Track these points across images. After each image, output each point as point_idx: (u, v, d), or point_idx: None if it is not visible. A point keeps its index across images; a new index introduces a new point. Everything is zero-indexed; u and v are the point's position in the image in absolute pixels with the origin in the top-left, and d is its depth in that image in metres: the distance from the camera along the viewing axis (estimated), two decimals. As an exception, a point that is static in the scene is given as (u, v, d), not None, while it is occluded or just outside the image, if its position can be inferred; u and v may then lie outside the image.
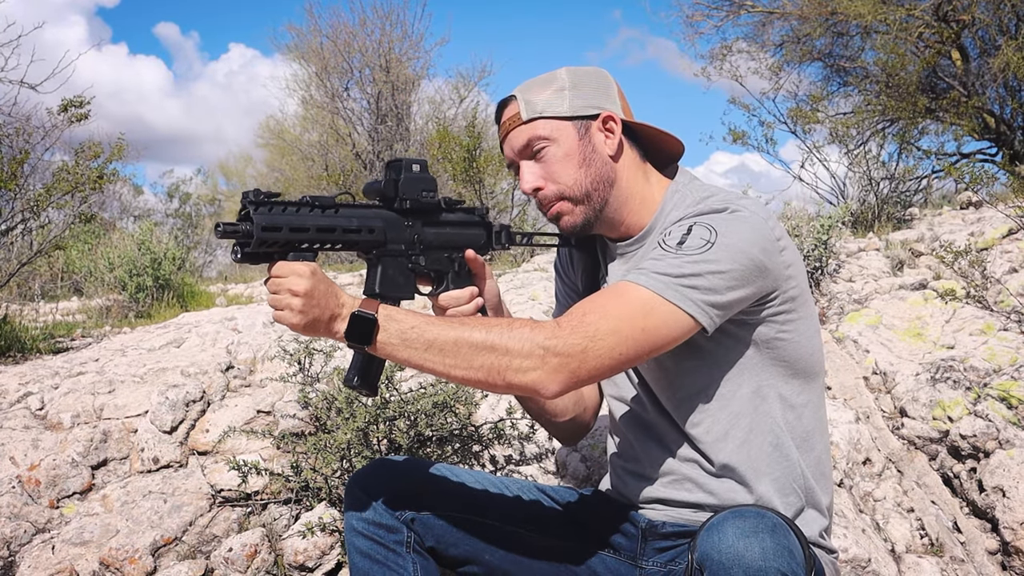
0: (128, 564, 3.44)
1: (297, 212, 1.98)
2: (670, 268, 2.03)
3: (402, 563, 2.27)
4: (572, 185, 2.27)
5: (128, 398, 4.33)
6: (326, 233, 2.00)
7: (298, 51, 19.65)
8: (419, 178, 2.19)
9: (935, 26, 12.46)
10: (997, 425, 3.80)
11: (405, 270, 2.17)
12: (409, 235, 2.18)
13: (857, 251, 6.60)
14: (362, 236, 2.07)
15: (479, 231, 2.34)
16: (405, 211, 2.17)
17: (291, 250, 1.97)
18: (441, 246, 2.24)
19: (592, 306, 2.02)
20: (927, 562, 3.45)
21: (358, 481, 2.35)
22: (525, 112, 2.27)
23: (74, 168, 6.19)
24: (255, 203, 1.93)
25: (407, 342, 1.97)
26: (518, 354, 1.94)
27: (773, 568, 1.72)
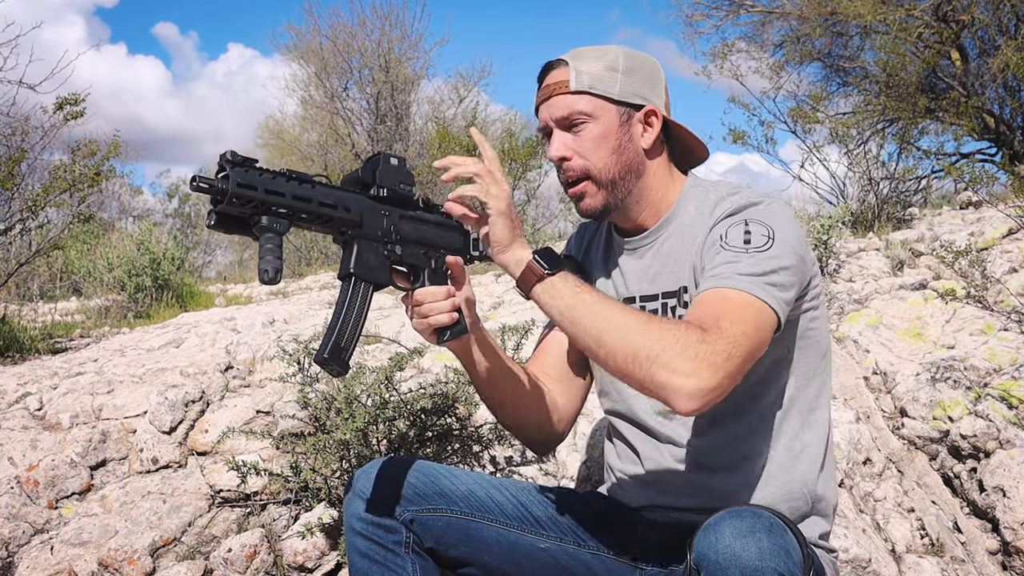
0: (127, 565, 3.44)
1: (274, 179, 1.96)
2: (751, 268, 2.02)
3: (401, 563, 2.25)
4: (601, 168, 2.26)
5: (127, 398, 4.32)
6: (302, 202, 1.98)
7: (297, 51, 19.66)
8: (397, 170, 2.17)
9: (935, 26, 12.46)
10: (997, 425, 3.79)
11: (381, 255, 2.15)
12: (386, 224, 2.15)
13: (857, 251, 6.59)
14: (338, 212, 2.05)
15: (456, 236, 2.30)
16: (382, 199, 2.15)
17: (264, 213, 1.93)
18: (418, 241, 2.21)
19: (718, 310, 1.96)
20: (927, 562, 3.45)
21: (358, 480, 2.32)
22: (574, 82, 2.25)
23: (71, 166, 6.17)
24: (232, 162, 1.90)
25: (577, 293, 2.03)
26: (671, 349, 1.86)
27: (770, 568, 1.71)
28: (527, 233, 9.66)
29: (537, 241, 9.36)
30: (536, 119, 2.38)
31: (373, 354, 4.75)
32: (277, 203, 1.94)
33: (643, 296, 2.35)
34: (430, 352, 4.45)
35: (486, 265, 9.54)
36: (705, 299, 2.02)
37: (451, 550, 2.33)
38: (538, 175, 11.27)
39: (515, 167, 10.14)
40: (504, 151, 10.31)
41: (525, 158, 10.29)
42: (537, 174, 11.21)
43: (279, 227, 1.95)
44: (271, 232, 1.94)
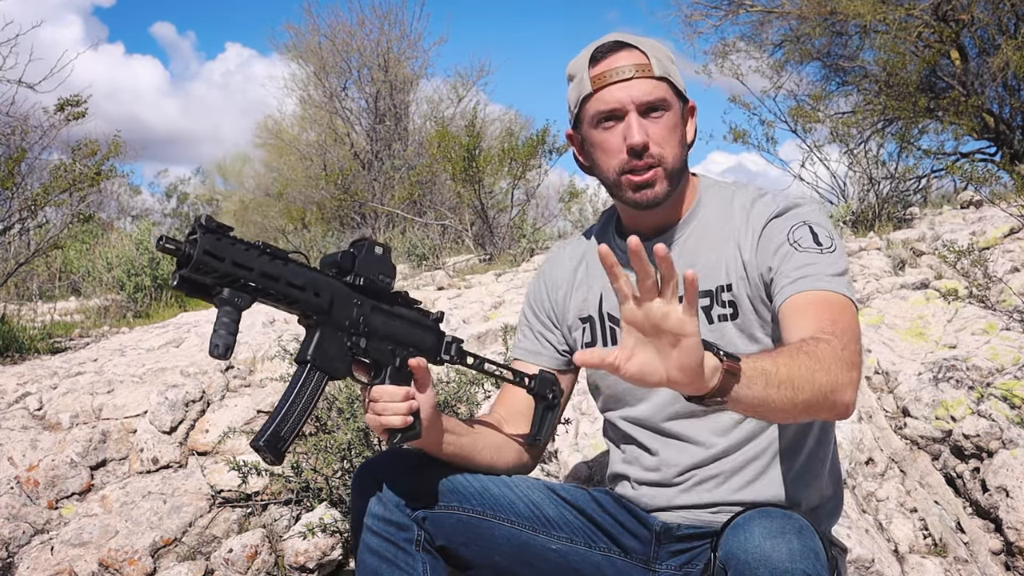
0: (127, 565, 3.43)
1: (246, 251, 1.87)
2: (833, 268, 2.06)
3: (412, 563, 2.20)
4: (673, 157, 2.24)
5: (127, 398, 4.31)
6: (269, 280, 1.90)
7: (296, 51, 19.66)
8: (379, 260, 2.09)
9: (934, 25, 12.45)
10: (1000, 425, 3.78)
11: (343, 346, 2.05)
12: (356, 314, 2.06)
13: (858, 250, 6.59)
14: (305, 295, 1.96)
15: (429, 336, 2.21)
16: (357, 288, 2.06)
17: (228, 285, 1.85)
18: (387, 336, 2.11)
19: (828, 313, 1.98)
20: (930, 562, 3.44)
21: (368, 473, 2.27)
22: (657, 67, 2.22)
23: (71, 166, 6.17)
24: (205, 228, 1.82)
25: (767, 378, 1.77)
26: (838, 375, 1.86)
27: (799, 570, 1.71)
28: (528, 233, 9.64)
29: (536, 241, 9.33)
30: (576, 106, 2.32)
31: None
32: (243, 277, 1.87)
33: None
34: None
35: (485, 264, 9.54)
36: (808, 302, 2.04)
37: (462, 549, 2.30)
38: (537, 175, 11.28)
39: (515, 167, 10.13)
40: (504, 151, 10.30)
41: (525, 158, 10.28)
42: (536, 174, 11.22)
43: (240, 302, 1.87)
44: (230, 306, 1.86)
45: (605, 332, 2.42)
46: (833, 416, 1.94)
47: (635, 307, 1.61)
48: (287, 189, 21.09)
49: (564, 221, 15.88)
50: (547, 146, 10.34)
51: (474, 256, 9.99)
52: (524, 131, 15.18)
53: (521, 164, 10.19)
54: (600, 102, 2.24)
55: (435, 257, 9.76)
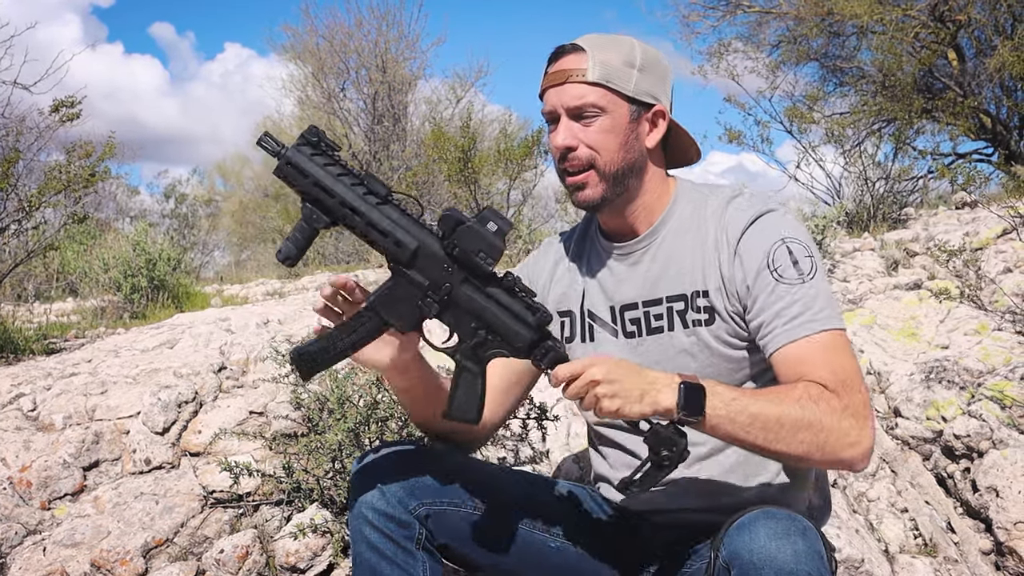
0: (119, 566, 3.43)
1: (338, 176, 1.89)
2: (819, 302, 2.12)
3: (412, 562, 2.19)
4: (607, 160, 2.24)
5: (120, 399, 4.31)
6: (349, 212, 1.90)
7: (294, 51, 19.66)
8: (483, 236, 1.96)
9: (931, 26, 12.46)
10: (991, 425, 3.79)
11: (413, 303, 2.00)
12: (441, 279, 1.99)
13: (852, 251, 6.60)
14: (385, 241, 1.94)
15: (524, 332, 2.03)
16: (452, 256, 1.98)
17: (308, 201, 1.89)
18: (471, 313, 2.01)
19: (828, 364, 2.06)
20: (921, 562, 3.45)
21: (370, 466, 2.25)
22: (592, 72, 2.22)
23: (66, 167, 6.17)
24: (304, 139, 1.87)
25: (731, 415, 1.94)
26: (836, 431, 1.96)
27: (803, 571, 1.73)
28: (524, 234, 9.64)
29: (532, 241, 9.33)
30: (540, 101, 2.34)
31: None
32: (319, 200, 1.89)
33: (645, 301, 2.31)
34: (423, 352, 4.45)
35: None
36: (803, 353, 2.09)
37: (463, 547, 2.29)
38: (534, 175, 11.28)
39: (511, 167, 10.13)
40: (500, 151, 10.30)
41: (521, 158, 10.28)
42: (533, 174, 11.21)
43: (315, 220, 1.90)
44: (304, 220, 1.91)
45: (584, 328, 2.42)
46: (847, 469, 2.12)
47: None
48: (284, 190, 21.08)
49: (561, 222, 15.90)
50: (543, 147, 10.35)
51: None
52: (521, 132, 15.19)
53: (517, 165, 10.19)
54: (543, 104, 2.30)
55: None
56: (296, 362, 2.04)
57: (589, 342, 2.41)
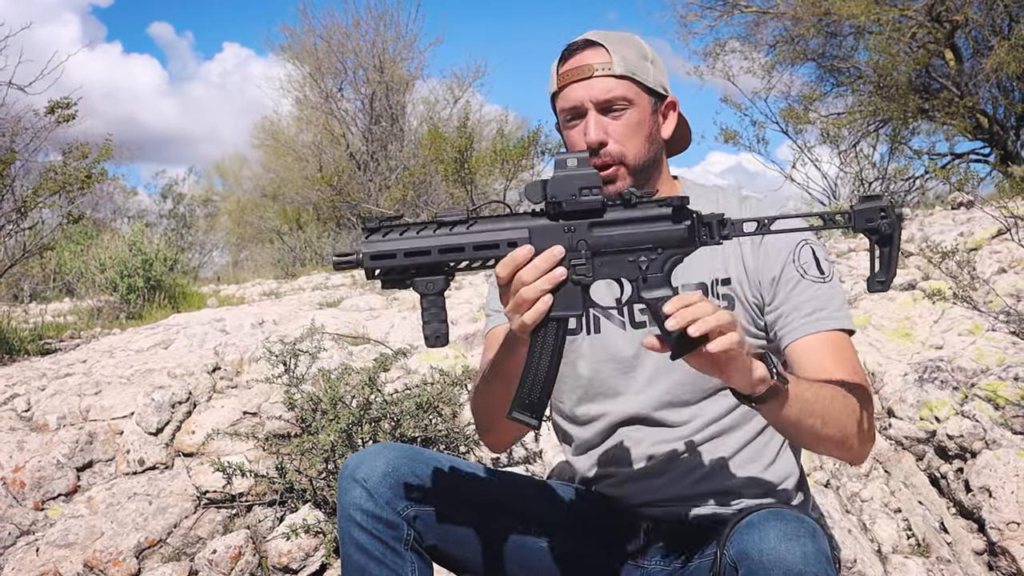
0: (112, 566, 3.43)
1: (418, 234, 1.84)
2: (838, 301, 2.18)
3: (401, 563, 2.16)
4: (636, 154, 2.25)
5: (114, 399, 4.31)
6: (454, 253, 1.84)
7: (292, 52, 19.66)
8: (573, 176, 1.88)
9: (928, 26, 12.46)
10: (984, 425, 3.79)
11: (566, 284, 1.89)
12: (569, 241, 1.89)
13: (847, 251, 6.61)
14: (501, 251, 1.86)
15: (671, 226, 1.91)
16: (562, 214, 1.90)
17: (417, 274, 1.84)
18: (621, 249, 1.91)
19: (849, 361, 2.14)
20: (913, 562, 3.45)
21: (358, 467, 2.21)
22: (618, 66, 2.23)
23: (62, 168, 6.17)
24: (368, 230, 1.82)
25: (798, 392, 1.93)
26: (863, 422, 2.05)
27: (811, 573, 1.73)
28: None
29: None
30: (552, 100, 2.35)
31: (360, 355, 4.75)
32: (420, 265, 1.84)
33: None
34: (417, 353, 4.45)
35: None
36: (824, 345, 2.15)
37: (453, 548, 2.27)
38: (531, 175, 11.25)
39: (507, 168, 10.13)
40: (496, 151, 10.30)
41: (517, 158, 10.27)
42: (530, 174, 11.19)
43: (434, 287, 1.85)
44: (426, 294, 1.85)
45: (589, 320, 2.42)
46: (857, 459, 2.15)
47: None
48: (282, 190, 21.10)
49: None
50: (539, 146, 10.35)
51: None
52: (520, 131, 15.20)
53: (513, 164, 10.19)
54: (564, 100, 2.28)
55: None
56: (520, 417, 1.95)
57: (595, 334, 2.40)
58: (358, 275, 9.32)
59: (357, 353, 4.78)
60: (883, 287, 1.89)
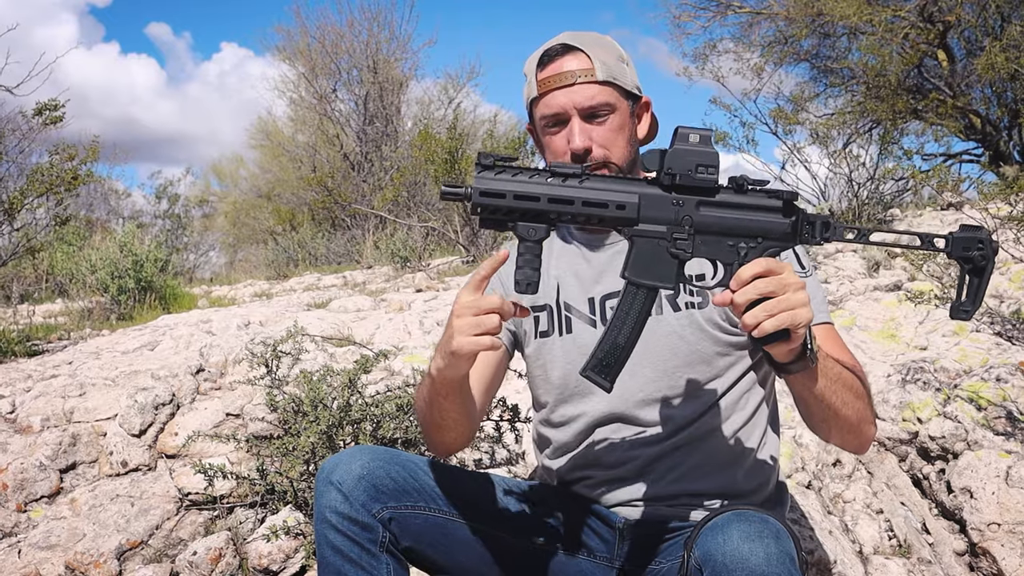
0: (93, 568, 3.44)
1: (531, 179, 1.85)
2: (821, 295, 2.25)
3: (376, 565, 2.18)
4: (619, 157, 2.26)
5: (98, 401, 4.31)
6: (562, 204, 1.86)
7: (286, 52, 19.67)
8: (693, 151, 1.88)
9: (921, 27, 12.47)
10: (966, 426, 3.80)
11: (663, 255, 1.91)
12: (676, 215, 1.90)
13: (834, 252, 6.61)
14: (608, 212, 1.88)
15: (778, 218, 1.91)
16: (671, 186, 1.90)
17: (519, 219, 1.85)
18: (723, 232, 1.91)
19: (847, 354, 2.20)
20: (894, 563, 3.45)
21: (334, 469, 2.22)
22: (600, 72, 2.24)
23: (48, 169, 6.16)
24: (481, 165, 1.84)
25: (826, 368, 1.98)
26: (871, 405, 2.13)
27: (774, 574, 1.74)
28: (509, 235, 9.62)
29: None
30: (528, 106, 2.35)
31: (344, 357, 4.75)
32: (528, 210, 1.85)
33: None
34: (401, 354, 4.46)
35: (468, 265, 9.53)
36: (826, 336, 2.21)
37: (428, 550, 2.29)
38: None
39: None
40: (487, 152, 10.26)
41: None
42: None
43: (535, 233, 1.86)
44: (526, 240, 1.86)
45: (561, 321, 2.43)
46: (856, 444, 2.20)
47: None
48: (275, 190, 21.10)
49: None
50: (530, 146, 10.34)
51: (458, 258, 10.00)
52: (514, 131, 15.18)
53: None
54: (545, 106, 2.28)
55: (417, 259, 9.76)
56: (595, 378, 1.98)
57: (567, 334, 2.42)
58: (348, 276, 9.31)
59: (340, 355, 4.78)
60: (967, 316, 1.91)
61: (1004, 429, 3.78)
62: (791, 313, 1.77)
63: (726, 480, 2.31)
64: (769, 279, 1.79)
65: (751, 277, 1.79)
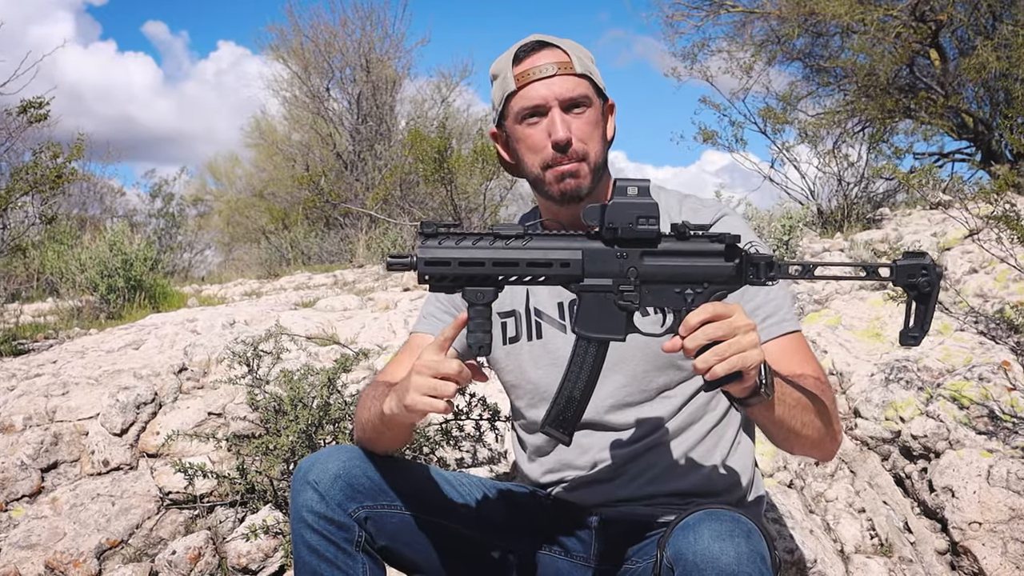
0: (73, 567, 3.43)
1: (474, 244, 1.87)
2: (789, 302, 2.28)
3: (352, 564, 2.19)
4: (596, 152, 2.28)
5: (81, 400, 4.30)
6: (506, 267, 1.87)
7: (279, 51, 19.64)
8: (632, 204, 1.90)
9: (913, 26, 12.46)
10: (948, 425, 3.80)
11: (611, 307, 1.94)
12: (620, 267, 1.92)
13: (821, 251, 6.61)
14: (553, 270, 1.90)
15: (721, 262, 1.94)
16: (616, 240, 1.92)
17: (465, 284, 1.87)
18: (669, 280, 1.93)
19: (811, 361, 2.23)
20: (875, 562, 3.45)
21: (310, 469, 2.23)
22: (578, 66, 2.26)
23: (32, 168, 6.14)
24: (424, 235, 1.85)
25: (783, 395, 1.99)
26: (834, 420, 2.14)
27: (745, 573, 1.75)
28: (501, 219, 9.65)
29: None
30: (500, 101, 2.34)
31: (327, 356, 4.74)
32: (473, 275, 1.87)
33: None
34: (384, 353, 4.45)
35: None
36: (784, 350, 2.23)
37: (404, 549, 2.29)
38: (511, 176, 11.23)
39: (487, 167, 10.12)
40: (476, 150, 10.28)
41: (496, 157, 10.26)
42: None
43: (483, 297, 1.88)
44: (475, 304, 1.88)
45: (531, 327, 2.43)
46: (826, 455, 2.23)
47: None
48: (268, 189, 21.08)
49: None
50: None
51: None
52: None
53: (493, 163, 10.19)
54: (524, 99, 2.28)
55: (407, 258, 9.72)
56: (554, 433, 2.02)
57: (536, 339, 2.42)
58: (339, 275, 9.31)
59: (323, 354, 4.78)
60: (916, 342, 1.94)
61: (986, 428, 3.78)
62: (741, 356, 1.79)
63: (700, 479, 2.32)
64: (718, 323, 1.81)
65: (699, 323, 1.81)
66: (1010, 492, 3.41)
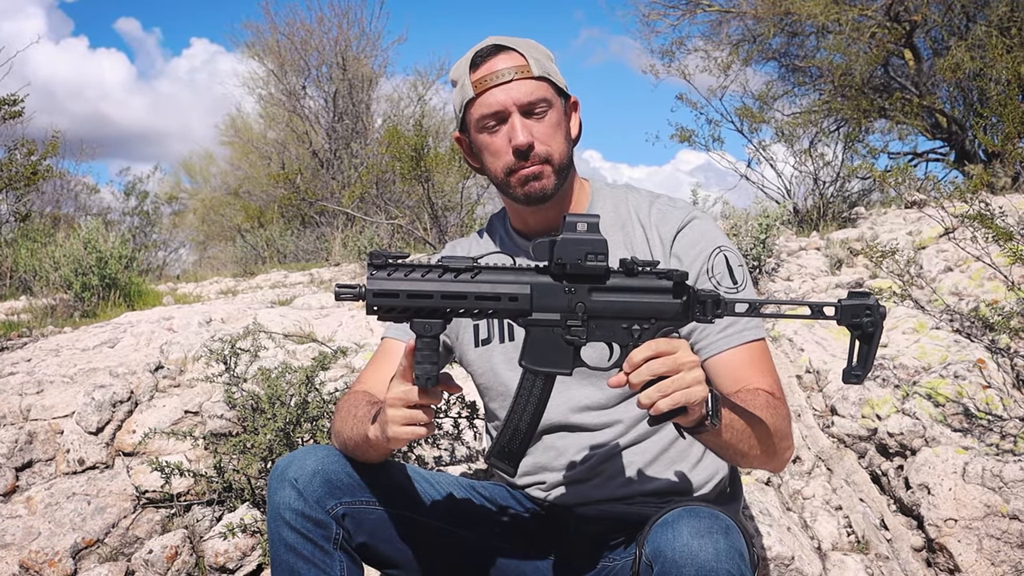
0: (48, 567, 3.41)
1: (423, 276, 1.87)
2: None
3: (330, 562, 2.19)
4: (560, 153, 2.28)
5: (56, 398, 4.27)
6: (455, 300, 1.87)
7: (255, 48, 19.57)
8: (582, 240, 1.90)
9: (887, 26, 12.54)
10: (924, 423, 3.82)
11: (559, 342, 1.94)
12: (568, 302, 1.93)
13: (798, 250, 6.64)
14: (502, 304, 1.91)
15: (669, 299, 1.94)
16: (565, 275, 1.93)
17: (416, 315, 1.87)
18: (617, 315, 1.94)
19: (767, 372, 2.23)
20: (852, 559, 3.47)
21: (288, 467, 2.23)
22: (536, 68, 2.25)
23: (7, 165, 6.10)
24: (373, 265, 1.85)
25: (731, 422, 1.99)
26: (785, 435, 2.14)
27: (724, 569, 1.76)
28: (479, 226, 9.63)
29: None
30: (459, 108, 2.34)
31: (304, 354, 4.73)
32: (421, 307, 1.87)
33: None
34: (362, 351, 4.44)
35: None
36: (743, 359, 2.23)
37: (383, 546, 2.29)
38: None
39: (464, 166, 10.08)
40: (453, 148, 10.26)
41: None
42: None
43: (431, 329, 1.88)
44: (423, 336, 1.88)
45: (503, 329, 2.43)
46: (777, 468, 2.24)
47: None
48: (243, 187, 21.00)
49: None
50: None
51: (426, 255, 9.98)
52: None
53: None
54: (483, 106, 2.28)
55: (384, 256, 9.70)
56: (499, 465, 2.03)
57: (508, 341, 2.42)
58: (315, 273, 9.28)
59: (301, 352, 4.76)
60: (859, 381, 1.96)
61: (961, 425, 3.80)
62: (685, 392, 1.81)
63: (677, 478, 2.33)
64: (662, 360, 1.82)
65: (643, 360, 1.83)
66: (985, 489, 3.43)
